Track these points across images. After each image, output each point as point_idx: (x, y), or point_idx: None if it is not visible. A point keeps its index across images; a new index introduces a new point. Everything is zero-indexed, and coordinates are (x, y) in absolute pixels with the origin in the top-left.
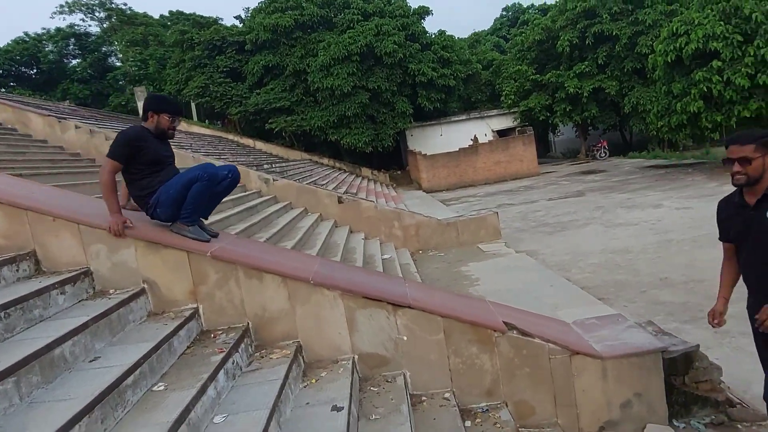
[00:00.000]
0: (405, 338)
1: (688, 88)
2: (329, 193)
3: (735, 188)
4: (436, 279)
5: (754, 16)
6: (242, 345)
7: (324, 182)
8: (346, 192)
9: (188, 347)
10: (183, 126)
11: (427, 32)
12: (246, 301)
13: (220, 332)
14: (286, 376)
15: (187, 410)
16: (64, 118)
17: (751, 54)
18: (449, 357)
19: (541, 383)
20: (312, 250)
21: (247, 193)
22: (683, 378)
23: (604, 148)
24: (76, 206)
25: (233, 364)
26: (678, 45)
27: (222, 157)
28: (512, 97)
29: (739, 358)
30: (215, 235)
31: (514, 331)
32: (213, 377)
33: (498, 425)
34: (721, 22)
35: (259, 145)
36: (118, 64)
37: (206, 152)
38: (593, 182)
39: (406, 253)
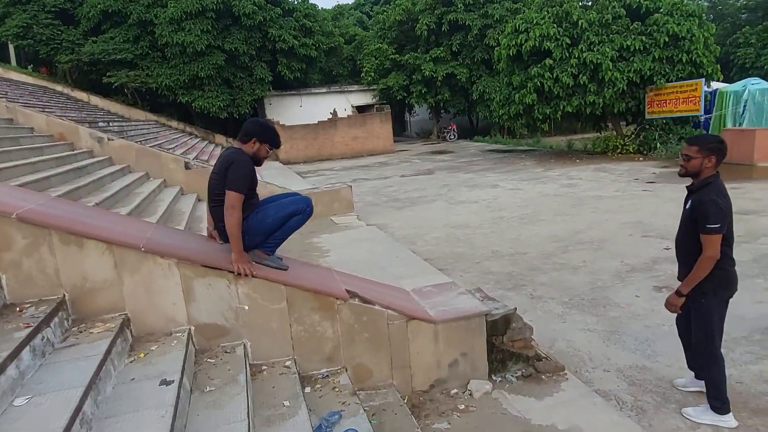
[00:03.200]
0: (246, 307)
1: (525, 82)
2: (176, 158)
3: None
4: (287, 250)
5: (580, 22)
6: (56, 319)
7: (171, 146)
8: (196, 158)
9: None
10: None
11: None
12: (62, 270)
13: (29, 305)
14: (108, 351)
15: None
16: None
17: (576, 56)
18: (291, 325)
19: (380, 347)
20: (152, 218)
21: (76, 152)
22: (502, 338)
23: (454, 131)
24: None
25: (43, 340)
26: (519, 41)
27: (47, 110)
28: (372, 74)
29: (548, 318)
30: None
31: (356, 299)
32: (15, 356)
33: (336, 389)
34: (554, 25)
35: (95, 100)
36: None
37: (25, 102)
38: (442, 162)
39: None
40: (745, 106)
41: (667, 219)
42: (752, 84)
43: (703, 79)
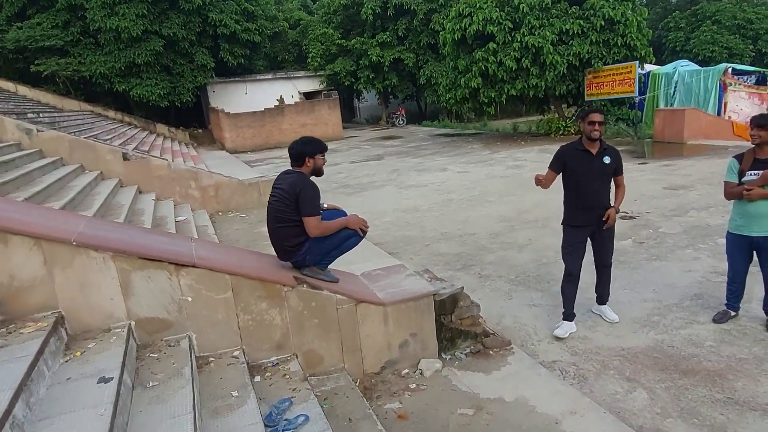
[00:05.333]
0: (190, 299)
1: (470, 66)
2: (113, 149)
3: (573, 142)
4: (235, 240)
5: (521, 6)
6: None
7: (108, 137)
8: (135, 149)
9: None
10: None
11: None
12: None
13: None
14: (40, 351)
15: None
16: None
17: (518, 40)
18: (238, 315)
19: (329, 332)
20: (88, 212)
21: (1, 145)
22: (450, 316)
23: (402, 116)
24: None
25: None
26: (463, 25)
27: None
28: (318, 59)
29: (495, 296)
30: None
31: (304, 285)
32: None
33: (287, 377)
34: (497, 9)
35: (23, 90)
36: None
37: None
38: (391, 147)
39: (204, 215)
40: (675, 87)
41: None
42: (682, 66)
43: (637, 62)
